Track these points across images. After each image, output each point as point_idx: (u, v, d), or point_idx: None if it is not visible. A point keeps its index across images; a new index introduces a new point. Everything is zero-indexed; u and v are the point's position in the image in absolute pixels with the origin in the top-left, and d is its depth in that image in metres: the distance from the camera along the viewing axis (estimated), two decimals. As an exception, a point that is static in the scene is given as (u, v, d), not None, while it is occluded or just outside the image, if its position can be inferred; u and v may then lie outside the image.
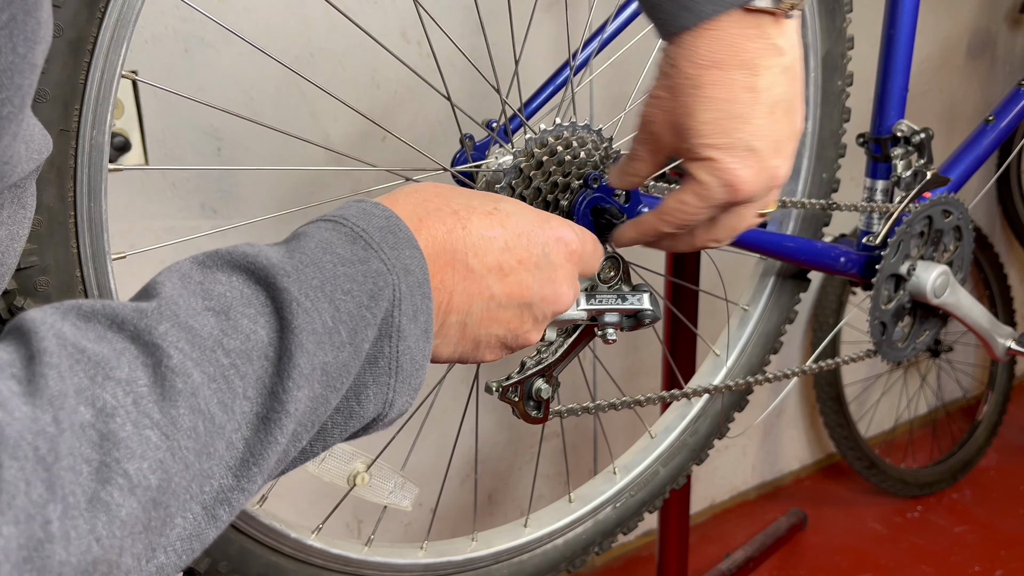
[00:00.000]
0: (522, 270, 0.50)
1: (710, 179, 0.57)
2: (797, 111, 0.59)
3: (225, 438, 0.35)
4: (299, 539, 0.78)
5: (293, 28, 1.15)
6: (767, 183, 0.57)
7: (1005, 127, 1.18)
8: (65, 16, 0.57)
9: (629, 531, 1.03)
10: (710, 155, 0.56)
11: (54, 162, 0.59)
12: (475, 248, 0.48)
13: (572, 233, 0.54)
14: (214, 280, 0.38)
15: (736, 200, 0.57)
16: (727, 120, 0.55)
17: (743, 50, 0.54)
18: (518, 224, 0.51)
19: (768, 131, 0.56)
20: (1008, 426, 2.23)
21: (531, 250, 0.51)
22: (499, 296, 0.49)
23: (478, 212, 0.49)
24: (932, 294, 1.06)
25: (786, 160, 0.58)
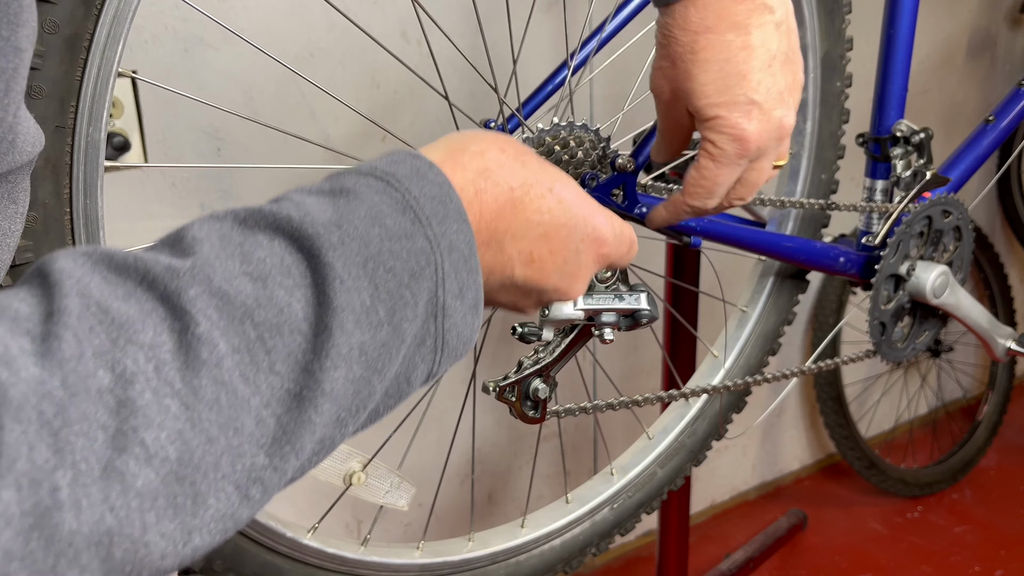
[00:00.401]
0: (549, 261, 0.50)
1: (719, 137, 0.59)
2: (795, 63, 0.61)
3: (253, 413, 0.33)
4: (295, 538, 0.78)
5: (293, 28, 1.15)
6: (774, 133, 0.60)
7: (1005, 127, 1.18)
8: (62, 12, 0.57)
9: (627, 532, 1.03)
10: (716, 113, 0.58)
11: (50, 159, 0.59)
12: (515, 231, 0.48)
13: (611, 233, 0.53)
14: (255, 243, 0.36)
15: (747, 153, 0.59)
16: (726, 78, 0.57)
17: (732, 13, 0.57)
18: (565, 214, 0.49)
19: (768, 84, 0.58)
20: (1008, 426, 2.23)
21: (567, 244, 0.50)
22: (518, 279, 0.49)
23: (533, 194, 0.48)
24: (932, 294, 1.06)
25: (789, 110, 0.60)
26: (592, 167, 0.80)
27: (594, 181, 0.79)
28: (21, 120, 0.43)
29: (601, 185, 0.80)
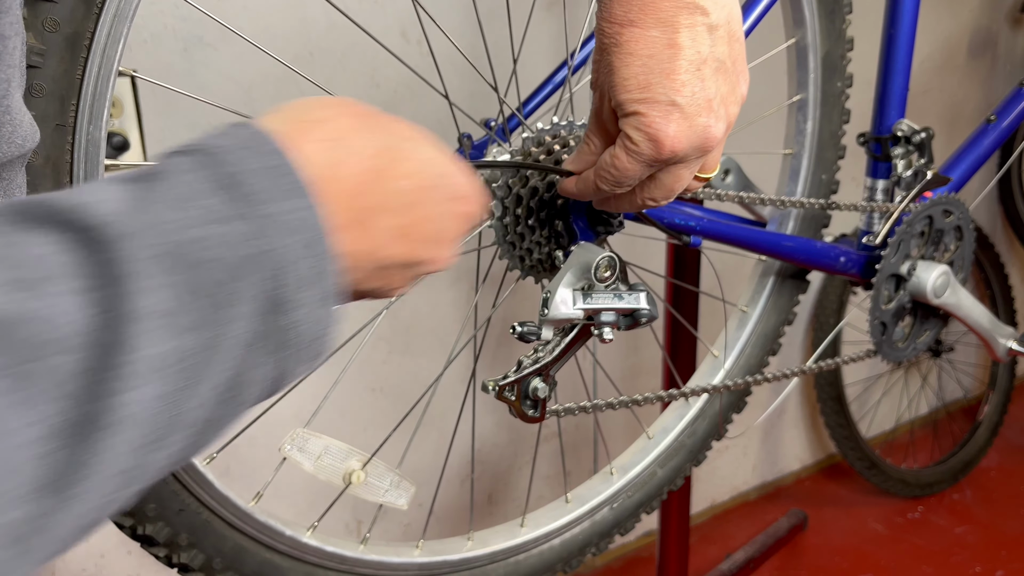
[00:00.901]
0: (421, 231, 0.44)
1: (635, 133, 0.57)
2: (732, 72, 0.58)
3: (24, 452, 0.27)
4: (294, 537, 0.78)
5: (292, 27, 1.15)
6: (696, 141, 0.57)
7: (1006, 127, 1.18)
8: (62, 11, 0.57)
9: (626, 532, 1.03)
10: (634, 109, 0.56)
11: (50, 157, 0.59)
12: (385, 206, 0.42)
13: (471, 190, 0.48)
14: (26, 241, 0.30)
15: (662, 156, 0.57)
16: (648, 75, 0.56)
17: (658, 9, 0.55)
18: (430, 175, 0.45)
19: (694, 87, 0.56)
20: (1009, 426, 2.23)
21: (436, 208, 0.45)
22: (394, 258, 0.43)
23: (395, 157, 0.43)
24: (932, 294, 1.06)
25: (718, 120, 0.58)
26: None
27: (594, 180, 0.79)
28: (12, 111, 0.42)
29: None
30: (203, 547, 0.72)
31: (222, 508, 0.73)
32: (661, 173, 0.60)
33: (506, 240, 0.79)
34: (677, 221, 0.88)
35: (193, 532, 0.71)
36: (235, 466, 1.25)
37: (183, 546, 0.71)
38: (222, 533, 0.73)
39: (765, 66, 1.10)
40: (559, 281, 0.73)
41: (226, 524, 0.74)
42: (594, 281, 0.72)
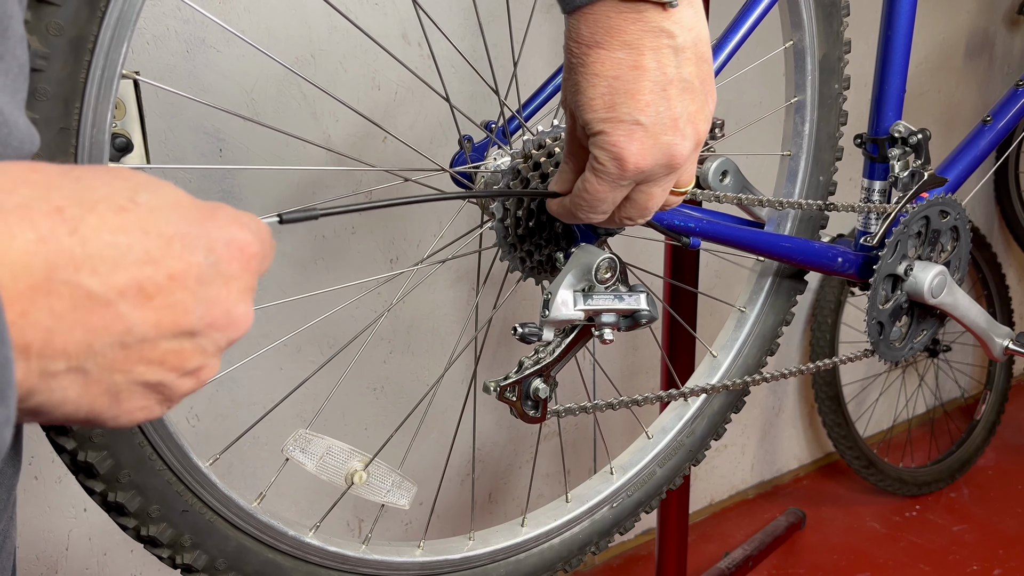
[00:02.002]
0: (177, 289, 0.36)
1: (600, 153, 0.58)
2: (699, 92, 0.59)
3: None
4: (297, 536, 0.78)
5: (294, 29, 1.16)
6: (661, 159, 0.59)
7: (1003, 128, 1.19)
8: (66, 15, 0.57)
9: (626, 531, 1.03)
10: (600, 128, 0.58)
11: (53, 160, 0.59)
12: (94, 262, 0.33)
13: (248, 232, 0.39)
14: None
15: (627, 174, 0.59)
16: (613, 95, 0.57)
17: (623, 32, 0.56)
18: (167, 223, 0.36)
19: (659, 108, 0.57)
20: (1006, 425, 2.24)
21: (190, 260, 0.36)
22: (141, 328, 0.35)
23: (101, 208, 0.34)
24: (929, 294, 1.06)
25: (684, 139, 0.59)
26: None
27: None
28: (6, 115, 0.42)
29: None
30: (206, 548, 0.73)
31: (225, 509, 0.73)
32: (633, 192, 0.61)
33: (507, 242, 0.79)
34: (676, 223, 0.89)
35: (197, 533, 0.72)
36: (238, 467, 1.25)
37: (187, 547, 0.72)
38: (225, 534, 0.74)
39: (763, 68, 1.10)
40: (560, 282, 0.74)
41: (229, 525, 0.74)
42: (594, 282, 0.73)
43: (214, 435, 1.22)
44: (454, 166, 0.86)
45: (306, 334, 1.24)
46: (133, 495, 0.68)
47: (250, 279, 0.40)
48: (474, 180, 0.83)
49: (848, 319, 1.92)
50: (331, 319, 1.12)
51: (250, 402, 1.24)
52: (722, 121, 1.08)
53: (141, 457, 0.67)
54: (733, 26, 0.92)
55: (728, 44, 0.91)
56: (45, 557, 1.17)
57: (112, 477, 0.66)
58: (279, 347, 1.19)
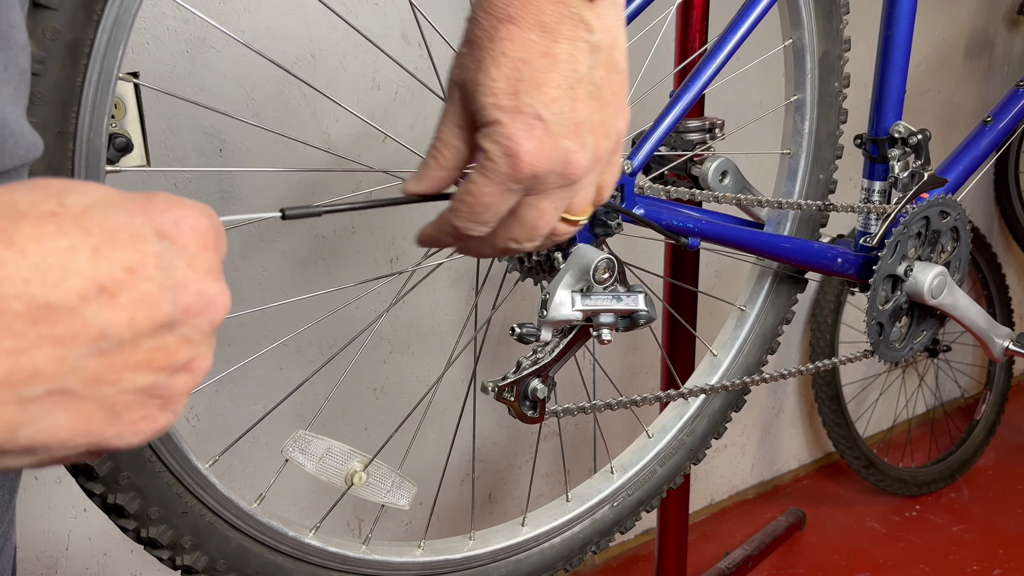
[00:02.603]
0: (139, 280, 0.33)
1: (492, 147, 0.52)
2: (608, 103, 0.54)
3: None
4: (297, 537, 0.78)
5: (294, 30, 1.16)
6: (556, 166, 0.52)
7: (1003, 128, 1.19)
8: (62, 19, 0.57)
9: (626, 530, 1.03)
10: (496, 117, 0.51)
11: (51, 164, 0.59)
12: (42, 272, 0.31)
13: (194, 210, 0.37)
14: None
15: (519, 175, 0.51)
16: (518, 81, 0.51)
17: (541, 11, 0.50)
18: (104, 219, 0.33)
19: (563, 106, 0.51)
20: (1006, 425, 2.24)
21: (143, 248, 0.34)
22: (115, 329, 0.32)
23: (31, 217, 0.32)
24: (929, 295, 1.06)
25: (584, 149, 0.53)
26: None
27: (593, 183, 0.80)
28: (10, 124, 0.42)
29: (600, 187, 0.80)
30: (206, 549, 0.73)
31: (225, 510, 0.73)
32: (521, 207, 0.54)
33: (506, 242, 0.79)
34: (675, 223, 0.89)
35: (197, 534, 0.72)
36: (238, 468, 1.26)
37: (187, 548, 0.72)
38: (225, 535, 0.74)
39: (763, 67, 1.10)
40: (558, 283, 0.74)
41: (229, 526, 0.74)
42: (593, 283, 0.73)
43: (214, 436, 1.22)
44: (453, 166, 0.86)
45: (306, 334, 1.24)
46: (133, 497, 0.68)
47: (212, 257, 0.37)
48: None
49: (848, 319, 1.92)
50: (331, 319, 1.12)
51: (250, 402, 1.24)
52: (722, 121, 1.08)
53: (140, 459, 0.68)
54: (733, 25, 0.92)
55: (728, 43, 0.91)
56: (45, 557, 1.17)
57: (112, 479, 0.66)
58: (279, 347, 1.19)
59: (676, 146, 1.04)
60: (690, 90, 0.89)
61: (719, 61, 0.91)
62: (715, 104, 1.57)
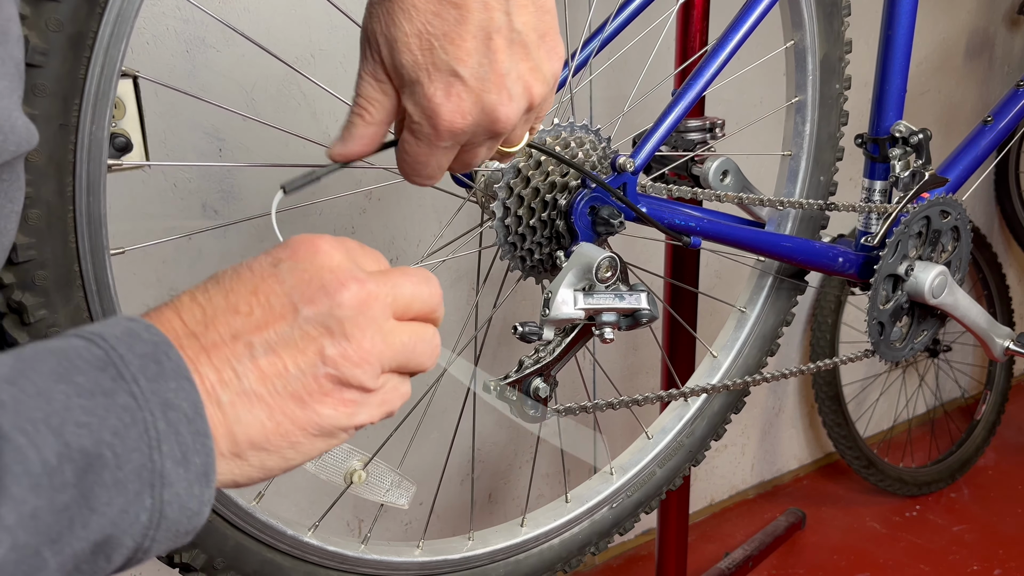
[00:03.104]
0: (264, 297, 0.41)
1: (414, 109, 0.51)
2: (534, 47, 0.52)
3: None
4: (296, 536, 0.78)
5: (294, 29, 1.16)
6: (483, 122, 0.51)
7: (1003, 128, 1.19)
8: (65, 11, 0.57)
9: (625, 531, 1.03)
10: (415, 76, 0.50)
11: (53, 157, 0.59)
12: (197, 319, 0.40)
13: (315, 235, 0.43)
14: None
15: (442, 137, 0.51)
16: (431, 37, 0.49)
17: None
18: (235, 269, 0.42)
19: (480, 60, 0.49)
20: (1006, 425, 2.23)
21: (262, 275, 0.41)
22: (256, 337, 0.40)
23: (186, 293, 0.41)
24: (930, 294, 1.06)
25: (512, 100, 0.51)
26: (592, 167, 0.80)
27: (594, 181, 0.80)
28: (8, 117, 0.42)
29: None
30: (205, 547, 0.73)
31: (224, 508, 0.73)
32: (459, 151, 0.54)
33: (507, 241, 0.79)
34: (677, 222, 0.89)
35: (196, 531, 0.72)
36: (235, 466, 1.25)
37: (184, 546, 0.71)
38: (224, 533, 0.74)
39: (764, 68, 1.10)
40: (560, 281, 0.73)
41: (228, 524, 0.74)
42: (595, 281, 0.73)
43: (213, 434, 1.21)
44: (454, 165, 0.86)
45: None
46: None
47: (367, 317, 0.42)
48: (474, 178, 0.83)
49: (848, 319, 1.91)
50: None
51: (249, 401, 1.23)
52: (723, 121, 1.08)
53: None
54: (733, 26, 0.92)
55: (728, 44, 0.91)
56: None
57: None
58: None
59: (677, 146, 1.04)
60: (691, 90, 0.88)
61: (720, 61, 0.91)
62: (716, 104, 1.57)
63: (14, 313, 0.60)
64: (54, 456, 0.32)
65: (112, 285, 0.65)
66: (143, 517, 0.35)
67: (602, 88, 1.43)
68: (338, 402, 0.42)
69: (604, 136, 0.83)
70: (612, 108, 1.43)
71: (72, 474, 0.33)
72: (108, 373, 0.35)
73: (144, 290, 1.11)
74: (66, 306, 0.62)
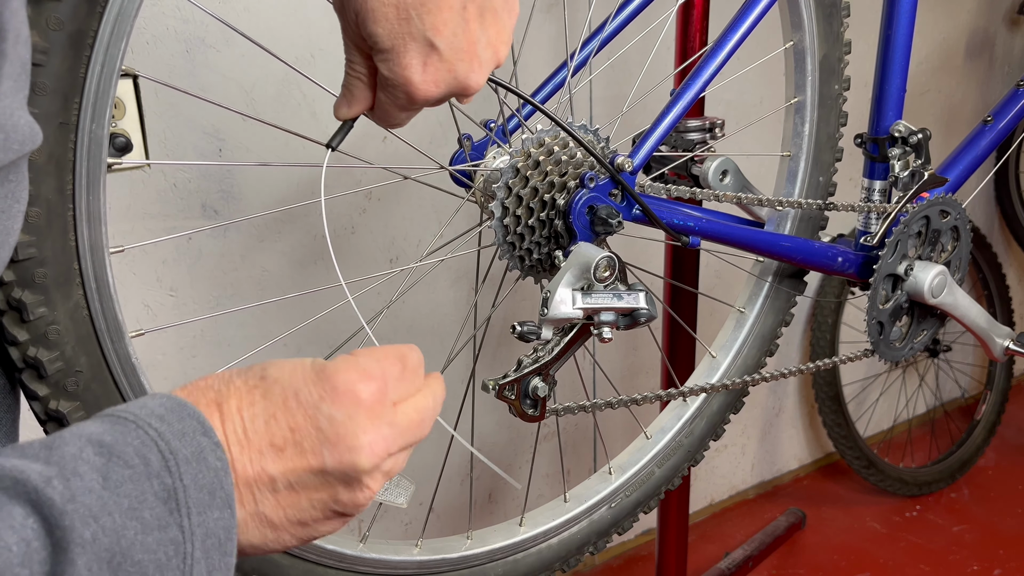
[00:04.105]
0: (299, 438, 0.45)
1: (389, 75, 0.53)
2: (501, 11, 0.53)
3: None
4: (296, 535, 0.78)
5: (294, 29, 1.16)
6: (454, 88, 0.54)
7: (1003, 128, 1.19)
8: (65, 10, 0.57)
9: (624, 531, 1.03)
10: (391, 45, 0.51)
11: (53, 155, 0.59)
12: (236, 435, 0.44)
13: (360, 377, 0.47)
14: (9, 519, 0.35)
15: (416, 103, 0.54)
16: (407, 7, 0.50)
17: None
18: (283, 389, 0.46)
19: (455, 28, 0.51)
20: (1006, 425, 2.23)
21: (303, 413, 0.45)
22: (281, 476, 0.45)
23: (237, 391, 0.46)
24: (930, 294, 1.06)
25: (482, 67, 0.54)
26: (591, 167, 0.80)
27: (592, 181, 0.80)
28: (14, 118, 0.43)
29: (600, 185, 0.80)
30: (205, 545, 0.73)
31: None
32: None
33: (506, 240, 0.79)
34: (676, 221, 0.89)
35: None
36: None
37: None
38: (224, 531, 0.74)
39: (763, 69, 1.10)
40: (559, 281, 0.74)
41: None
42: (593, 281, 0.73)
43: (213, 434, 1.22)
44: (453, 164, 0.86)
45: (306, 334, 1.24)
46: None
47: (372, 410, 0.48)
48: (473, 178, 0.83)
49: (848, 319, 1.91)
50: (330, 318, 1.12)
51: (249, 401, 1.24)
52: (722, 121, 1.08)
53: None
54: (733, 25, 0.92)
55: (727, 44, 0.91)
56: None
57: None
58: (279, 346, 1.19)
59: (676, 145, 1.04)
60: (690, 90, 0.89)
61: (719, 61, 0.91)
62: (715, 104, 1.57)
63: (13, 311, 0.60)
64: None
65: (111, 283, 0.65)
66: None
67: (601, 88, 1.43)
68: (339, 524, 0.48)
69: (603, 136, 0.83)
70: (611, 108, 1.43)
71: None
72: (168, 506, 0.40)
73: (144, 290, 1.11)
74: (65, 304, 0.62)
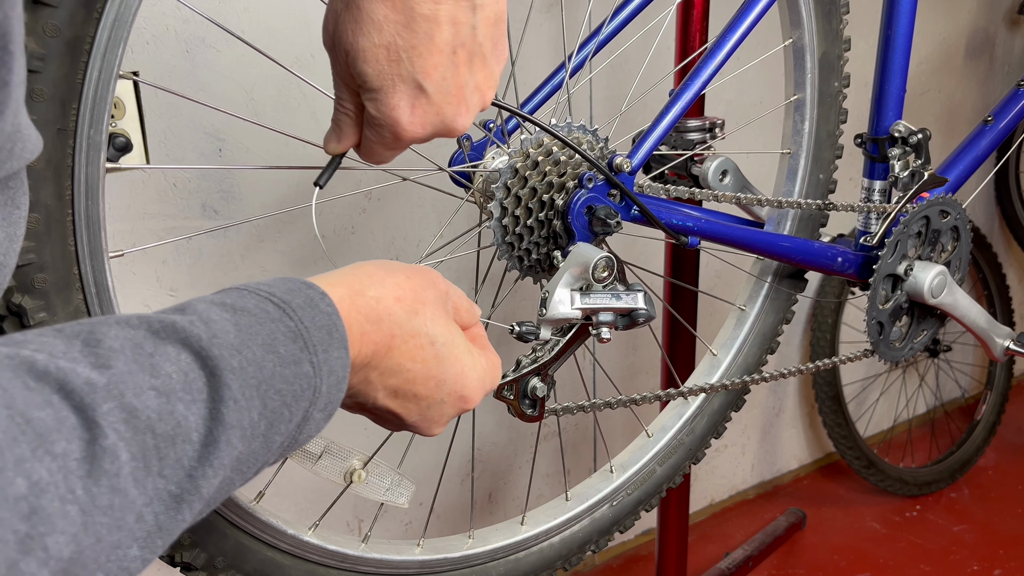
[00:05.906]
0: (413, 402, 0.53)
1: (376, 114, 0.53)
2: (489, 57, 0.54)
3: (136, 511, 0.36)
4: (296, 535, 0.78)
5: (294, 29, 1.16)
6: (440, 130, 0.55)
7: (1004, 128, 1.19)
8: (62, 16, 0.57)
9: (625, 530, 1.03)
10: (380, 85, 0.52)
11: (51, 160, 0.60)
12: (384, 369, 0.51)
13: (478, 391, 0.56)
14: (164, 356, 0.39)
15: (403, 143, 0.56)
16: (398, 49, 0.50)
17: None
18: (438, 368, 0.53)
19: (445, 72, 0.52)
20: (1006, 426, 2.23)
21: (433, 393, 0.53)
22: (380, 406, 0.53)
23: (412, 344, 0.52)
24: (929, 294, 1.06)
25: (469, 110, 0.55)
26: (590, 168, 0.80)
27: (591, 182, 0.80)
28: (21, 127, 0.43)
29: (598, 185, 0.80)
30: (205, 546, 0.73)
31: (224, 507, 0.73)
32: None
33: (505, 241, 0.79)
34: (675, 221, 0.89)
35: (195, 531, 0.72)
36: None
37: (185, 545, 0.72)
38: (224, 532, 0.74)
39: (763, 67, 1.10)
40: (557, 281, 0.74)
41: (228, 523, 0.74)
42: (592, 281, 0.73)
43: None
44: (452, 165, 0.86)
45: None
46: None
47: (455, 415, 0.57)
48: (472, 179, 0.84)
49: (848, 319, 1.91)
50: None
51: (250, 401, 1.24)
52: (722, 121, 1.08)
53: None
54: (732, 24, 0.92)
55: (728, 42, 0.91)
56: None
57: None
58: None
59: (676, 145, 1.04)
60: (690, 89, 0.89)
61: (719, 60, 0.91)
62: (715, 104, 1.57)
63: (14, 316, 0.60)
64: (257, 415, 0.42)
65: (111, 288, 0.65)
66: (286, 444, 0.46)
67: (601, 88, 1.43)
68: (445, 424, 0.56)
69: (602, 136, 0.83)
70: (611, 108, 1.43)
71: (264, 427, 0.42)
72: (298, 344, 0.44)
73: (144, 290, 1.11)
74: (65, 309, 0.62)
